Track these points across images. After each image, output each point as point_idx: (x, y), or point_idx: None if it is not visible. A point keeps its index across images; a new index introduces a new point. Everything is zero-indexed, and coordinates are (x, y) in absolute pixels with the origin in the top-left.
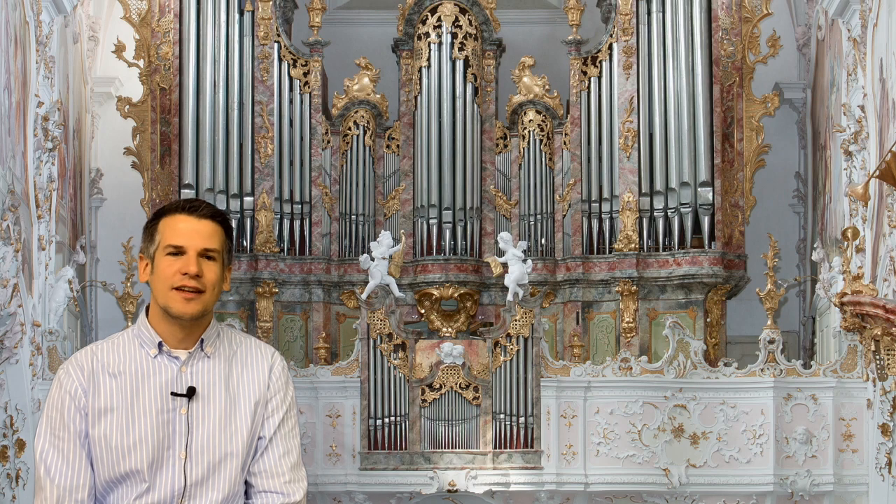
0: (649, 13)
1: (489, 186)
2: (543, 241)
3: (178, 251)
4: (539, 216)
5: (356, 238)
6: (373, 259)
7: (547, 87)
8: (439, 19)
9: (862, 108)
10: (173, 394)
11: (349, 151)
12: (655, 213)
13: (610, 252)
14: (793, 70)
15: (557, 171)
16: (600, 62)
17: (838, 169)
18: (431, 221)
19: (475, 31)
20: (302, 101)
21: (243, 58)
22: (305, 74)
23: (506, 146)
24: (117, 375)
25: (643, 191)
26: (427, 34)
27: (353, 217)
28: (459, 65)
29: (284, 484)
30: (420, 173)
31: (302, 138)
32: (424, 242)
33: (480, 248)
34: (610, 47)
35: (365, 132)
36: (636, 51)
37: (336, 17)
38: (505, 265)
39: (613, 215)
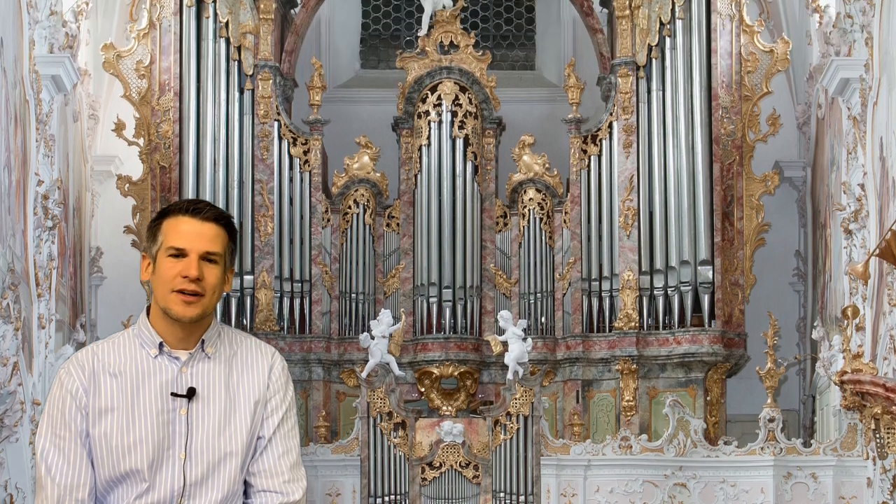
0: (649, 92)
1: (489, 265)
2: (543, 319)
3: (180, 253)
4: (539, 295)
5: (356, 316)
6: (373, 337)
7: (547, 165)
8: (439, 98)
9: (862, 186)
10: (173, 394)
11: (349, 230)
12: (655, 292)
13: (610, 330)
14: (793, 148)
15: (557, 249)
16: (600, 140)
17: (838, 247)
18: (431, 300)
19: (475, 110)
20: (302, 180)
21: (243, 136)
22: (305, 153)
23: (506, 224)
24: (118, 375)
25: (643, 269)
26: (427, 112)
27: (353, 295)
28: (459, 143)
29: (283, 483)
30: (420, 252)
31: (302, 217)
32: (424, 321)
33: (480, 327)
34: (610, 126)
35: (365, 210)
36: (636, 129)
37: (336, 95)
38: (505, 344)
39: (613, 294)
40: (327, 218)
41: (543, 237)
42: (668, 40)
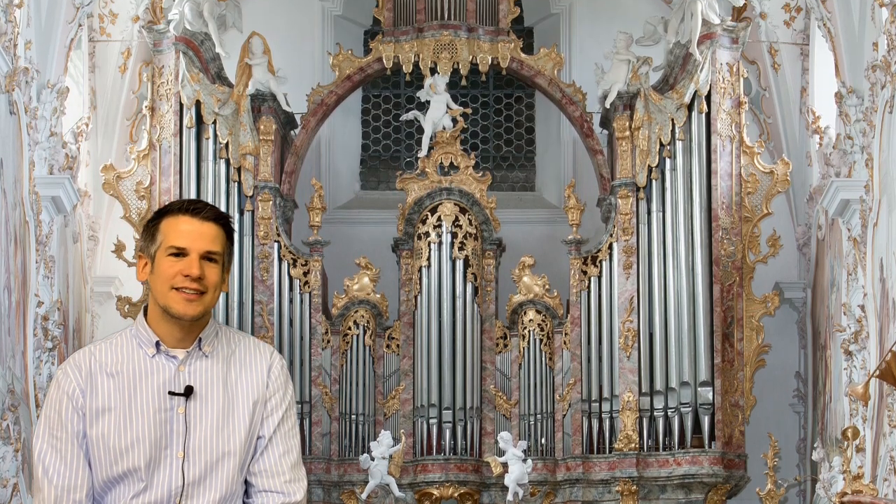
0: (649, 213)
1: (489, 386)
2: (543, 440)
3: (181, 252)
4: (539, 416)
5: (356, 438)
6: (373, 459)
7: (547, 286)
8: (439, 219)
9: (862, 307)
10: (171, 393)
11: (349, 351)
12: (656, 413)
13: (610, 452)
14: (793, 270)
15: (557, 370)
16: (600, 262)
17: (838, 368)
18: (431, 421)
19: (475, 231)
20: (302, 301)
21: (243, 257)
22: (305, 274)
23: (506, 346)
24: (115, 375)
25: (643, 390)
26: (427, 234)
27: (353, 417)
28: (459, 264)
29: (285, 483)
30: (420, 373)
31: (302, 338)
32: (424, 442)
33: (480, 448)
34: (610, 247)
35: (365, 332)
36: (636, 250)
37: (336, 216)
38: (505, 465)
39: (613, 415)
40: (327, 339)
41: (543, 358)
42: (668, 161)
